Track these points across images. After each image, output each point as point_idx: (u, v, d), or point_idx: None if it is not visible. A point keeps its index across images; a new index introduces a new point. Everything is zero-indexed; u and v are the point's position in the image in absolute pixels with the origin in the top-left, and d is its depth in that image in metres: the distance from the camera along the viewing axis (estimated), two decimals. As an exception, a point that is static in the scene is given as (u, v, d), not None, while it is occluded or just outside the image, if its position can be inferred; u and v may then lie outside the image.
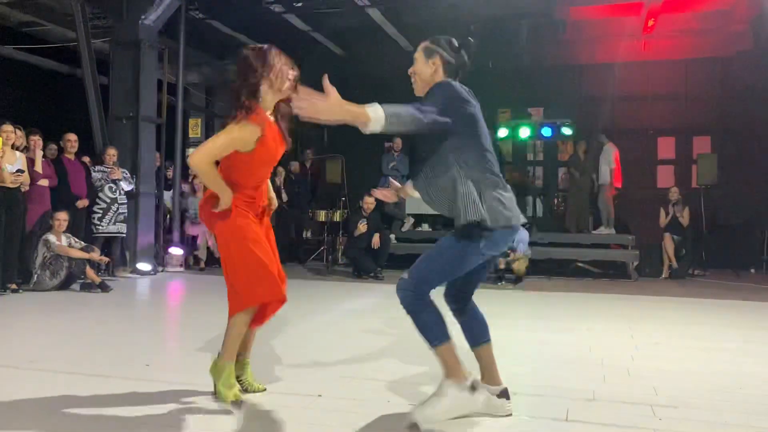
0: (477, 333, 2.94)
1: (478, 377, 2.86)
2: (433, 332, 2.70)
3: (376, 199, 9.71)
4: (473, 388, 2.74)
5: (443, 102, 2.68)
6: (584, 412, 2.98)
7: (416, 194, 3.01)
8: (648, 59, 12.49)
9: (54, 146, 8.26)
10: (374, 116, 2.45)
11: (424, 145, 2.81)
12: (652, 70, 12.56)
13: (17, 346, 4.29)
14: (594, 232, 10.73)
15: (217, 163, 3.00)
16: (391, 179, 3.35)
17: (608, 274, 9.89)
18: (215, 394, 3.05)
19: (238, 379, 3.13)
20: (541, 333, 5.15)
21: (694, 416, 2.95)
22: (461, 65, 2.86)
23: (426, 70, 2.85)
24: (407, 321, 2.79)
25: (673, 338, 4.99)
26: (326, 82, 2.38)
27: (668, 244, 9.77)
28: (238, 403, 2.96)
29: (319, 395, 3.16)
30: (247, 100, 2.96)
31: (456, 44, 2.87)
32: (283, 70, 3.03)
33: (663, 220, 10.06)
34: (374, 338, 4.78)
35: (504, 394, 2.89)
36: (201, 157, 2.93)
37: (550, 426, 2.81)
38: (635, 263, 9.77)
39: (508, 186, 2.81)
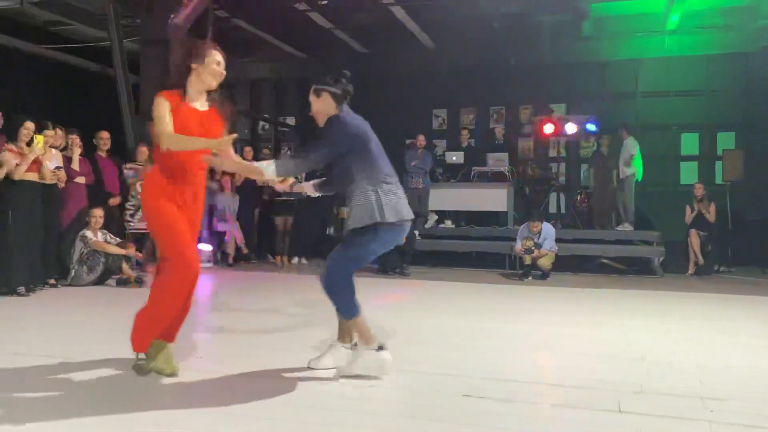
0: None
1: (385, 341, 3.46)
2: (350, 307, 3.43)
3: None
4: (380, 348, 3.39)
5: (334, 136, 3.40)
6: (635, 404, 3.03)
7: (308, 191, 3.79)
8: (671, 55, 12.46)
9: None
10: (267, 171, 3.32)
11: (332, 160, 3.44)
12: (676, 66, 12.53)
13: (69, 338, 4.40)
14: (618, 228, 10.73)
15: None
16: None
17: (633, 270, 9.90)
18: (144, 370, 3.37)
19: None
20: (575, 328, 5.20)
21: (746, 408, 3.00)
22: (346, 93, 3.49)
23: (319, 106, 3.48)
24: (436, 314, 2.86)
25: (709, 333, 5.02)
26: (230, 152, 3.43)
27: (694, 240, 9.76)
28: (175, 374, 3.35)
29: (371, 386, 3.24)
30: (171, 83, 3.45)
31: (335, 78, 3.48)
32: (212, 67, 3.41)
33: (689, 216, 10.05)
34: (410, 331, 4.85)
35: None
36: (165, 139, 3.28)
37: (605, 417, 2.86)
38: (660, 259, 9.77)
39: (401, 186, 3.53)
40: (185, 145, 3.33)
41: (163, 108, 3.32)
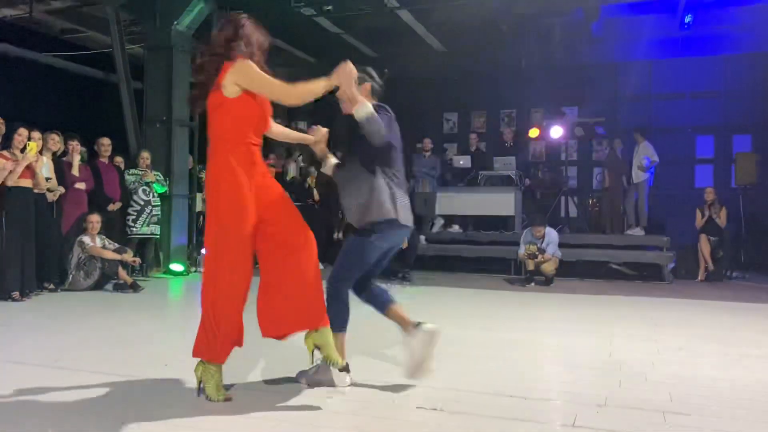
0: (382, 300, 3.53)
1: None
2: (337, 321, 3.33)
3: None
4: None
5: (387, 123, 3.35)
6: (593, 419, 2.94)
7: (329, 169, 3.62)
8: (686, 56, 12.20)
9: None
10: (363, 108, 3.21)
11: (353, 145, 3.41)
12: (691, 67, 12.26)
13: (46, 345, 4.43)
14: (628, 232, 10.53)
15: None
16: (317, 128, 3.64)
17: (642, 276, 9.69)
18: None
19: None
20: (562, 337, 5.08)
21: (706, 424, 2.88)
22: (380, 90, 3.59)
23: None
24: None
25: (699, 343, 4.86)
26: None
27: (704, 245, 9.54)
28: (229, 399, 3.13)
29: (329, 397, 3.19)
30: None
31: (380, 73, 3.59)
32: (260, 41, 3.26)
33: (699, 221, 9.82)
34: (379, 339, 4.78)
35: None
36: (290, 93, 3.13)
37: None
38: (670, 265, 9.54)
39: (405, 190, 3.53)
40: (311, 91, 3.17)
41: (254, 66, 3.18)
